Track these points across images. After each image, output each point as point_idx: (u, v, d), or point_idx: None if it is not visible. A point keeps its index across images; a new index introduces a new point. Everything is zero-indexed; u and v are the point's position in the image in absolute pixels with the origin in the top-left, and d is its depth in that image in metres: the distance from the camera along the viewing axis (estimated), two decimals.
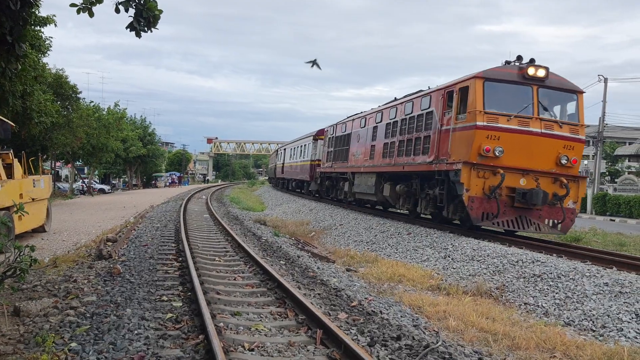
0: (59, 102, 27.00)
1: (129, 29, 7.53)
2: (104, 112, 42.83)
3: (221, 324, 6.42)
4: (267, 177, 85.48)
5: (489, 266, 10.72)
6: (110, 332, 6.03)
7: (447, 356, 5.69)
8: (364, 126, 21.67)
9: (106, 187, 54.84)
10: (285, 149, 43.52)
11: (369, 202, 21.73)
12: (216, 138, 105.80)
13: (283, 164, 43.41)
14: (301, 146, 35.78)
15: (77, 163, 48.94)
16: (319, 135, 31.43)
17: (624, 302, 7.73)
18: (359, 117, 22.76)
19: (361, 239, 16.19)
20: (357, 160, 21.86)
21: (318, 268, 11.37)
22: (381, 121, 19.61)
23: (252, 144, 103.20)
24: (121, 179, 71.85)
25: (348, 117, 25.02)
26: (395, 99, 19.63)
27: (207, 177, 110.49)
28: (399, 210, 20.23)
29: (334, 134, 26.61)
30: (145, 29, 7.58)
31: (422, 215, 17.50)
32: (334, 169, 25.71)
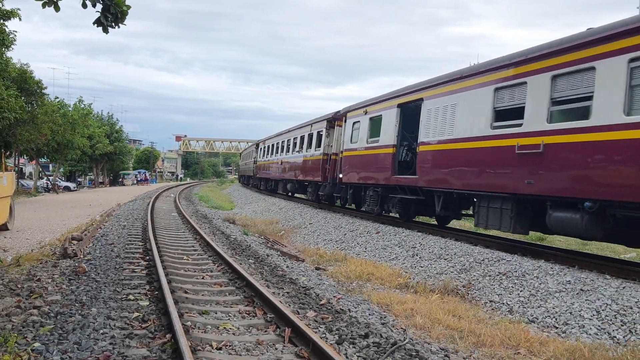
0: (23, 98, 26.43)
1: (96, 25, 7.41)
2: (70, 109, 42.09)
3: (189, 323, 6.38)
4: (237, 176, 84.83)
5: (456, 264, 10.87)
6: (75, 332, 5.94)
7: (414, 353, 5.75)
8: None
9: (72, 185, 53.68)
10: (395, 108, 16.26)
11: None
12: (185, 136, 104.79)
13: (341, 151, 20.05)
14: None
15: (42, 160, 47.87)
16: None
17: (585, 300, 7.93)
18: None
19: (330, 237, 16.22)
20: None
21: (287, 267, 11.37)
22: None
23: (222, 142, 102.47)
24: (87, 177, 70.59)
25: None
26: None
27: (179, 176, 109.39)
28: None
29: None
30: (113, 24, 7.48)
31: None
32: None
